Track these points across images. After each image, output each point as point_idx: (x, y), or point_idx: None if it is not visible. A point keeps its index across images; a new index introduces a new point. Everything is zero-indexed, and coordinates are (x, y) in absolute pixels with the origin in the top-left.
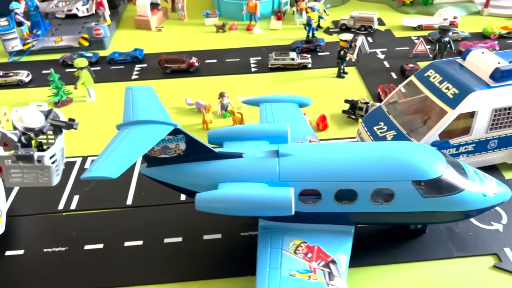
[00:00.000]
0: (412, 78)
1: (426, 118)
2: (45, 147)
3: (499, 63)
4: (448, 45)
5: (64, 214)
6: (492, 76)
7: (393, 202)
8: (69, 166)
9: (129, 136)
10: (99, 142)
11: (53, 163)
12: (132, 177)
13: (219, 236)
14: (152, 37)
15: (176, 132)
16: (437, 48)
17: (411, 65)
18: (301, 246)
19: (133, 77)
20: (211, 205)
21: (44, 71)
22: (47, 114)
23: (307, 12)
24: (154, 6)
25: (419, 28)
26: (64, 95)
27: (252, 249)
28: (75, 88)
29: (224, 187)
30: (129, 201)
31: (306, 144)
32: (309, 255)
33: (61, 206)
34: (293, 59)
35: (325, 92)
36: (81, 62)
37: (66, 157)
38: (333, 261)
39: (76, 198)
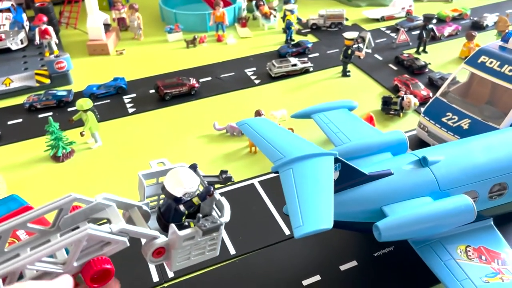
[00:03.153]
0: (464, 66)
1: (496, 101)
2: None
3: None
4: (432, 32)
5: (166, 285)
6: None
7: None
8: None
9: (303, 176)
10: (136, 190)
11: None
12: None
13: (354, 263)
14: (116, 62)
15: (334, 161)
16: (424, 36)
17: (405, 55)
18: (469, 251)
19: (130, 110)
20: (398, 231)
21: (10, 122)
22: (193, 170)
23: (283, 17)
24: (105, 28)
25: (382, 19)
26: (67, 147)
27: (390, 268)
28: (82, 134)
29: (398, 210)
30: (232, 251)
31: (437, 146)
32: (483, 257)
33: (156, 278)
34: (295, 64)
35: (342, 92)
36: (85, 103)
37: None
38: (506, 257)
39: None
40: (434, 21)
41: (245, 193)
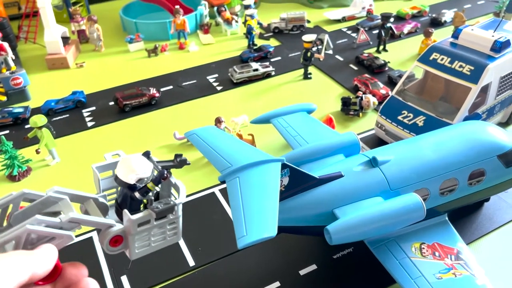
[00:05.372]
0: (417, 63)
1: (448, 97)
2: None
3: (493, 36)
4: (390, 31)
5: None
6: (493, 49)
7: (484, 180)
8: (88, 244)
9: (249, 185)
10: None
11: None
12: None
13: (314, 267)
14: (77, 75)
15: (281, 167)
16: (383, 34)
17: (365, 54)
18: (423, 248)
19: (89, 124)
20: (349, 233)
21: None
22: (146, 157)
23: (244, 22)
24: (64, 41)
25: (343, 19)
26: (23, 165)
27: (349, 270)
28: (38, 152)
29: (349, 212)
30: (191, 262)
31: (387, 146)
32: (437, 253)
33: None
34: (256, 69)
35: (304, 95)
36: (39, 119)
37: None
38: (459, 252)
39: (124, 279)
40: (392, 19)
41: (206, 203)
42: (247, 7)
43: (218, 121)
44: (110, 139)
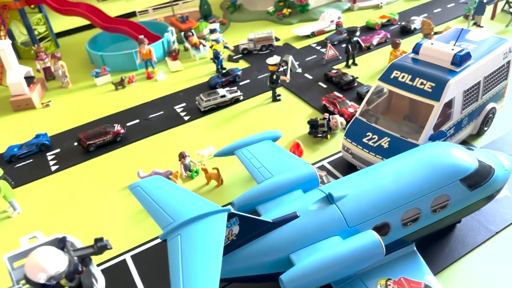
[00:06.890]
0: (379, 83)
1: (412, 116)
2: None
3: (452, 49)
4: (358, 44)
5: None
6: (453, 63)
7: (449, 206)
8: None
9: (190, 243)
10: None
11: None
12: (136, 284)
13: None
14: (43, 115)
15: (229, 216)
16: (350, 49)
17: (334, 71)
18: (389, 285)
19: (53, 168)
20: (305, 281)
21: None
22: (61, 245)
23: (211, 46)
24: (29, 81)
25: (313, 35)
26: None
27: None
28: None
29: (305, 257)
30: None
31: (345, 178)
32: None
33: None
34: (223, 96)
35: (273, 119)
36: None
37: None
38: (427, 286)
39: None
40: (358, 33)
41: None
42: (212, 31)
43: (182, 157)
44: (74, 183)
